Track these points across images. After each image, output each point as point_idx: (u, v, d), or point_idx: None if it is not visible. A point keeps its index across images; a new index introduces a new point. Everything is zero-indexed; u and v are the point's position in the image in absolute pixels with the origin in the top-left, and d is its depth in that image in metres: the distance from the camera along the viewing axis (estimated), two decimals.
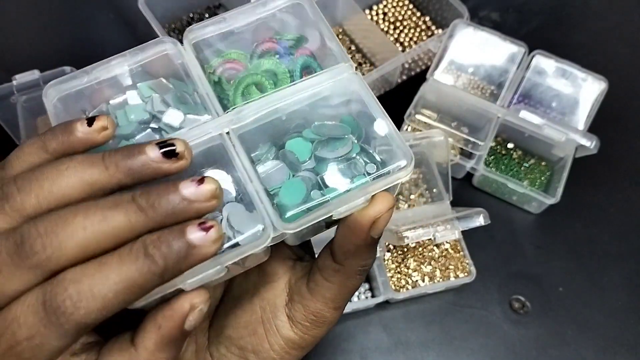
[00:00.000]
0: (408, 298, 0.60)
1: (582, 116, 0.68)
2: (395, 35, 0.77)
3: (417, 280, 0.61)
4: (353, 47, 0.77)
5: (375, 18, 0.78)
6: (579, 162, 0.65)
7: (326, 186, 0.28)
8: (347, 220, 0.28)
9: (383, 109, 0.29)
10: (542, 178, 0.68)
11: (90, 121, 0.25)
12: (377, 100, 0.29)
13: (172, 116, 0.29)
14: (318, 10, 0.31)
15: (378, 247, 0.53)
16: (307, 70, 0.30)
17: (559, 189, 0.62)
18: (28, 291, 0.22)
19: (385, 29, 0.78)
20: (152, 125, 0.29)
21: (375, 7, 0.79)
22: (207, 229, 0.22)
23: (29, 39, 0.78)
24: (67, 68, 0.62)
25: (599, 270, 0.64)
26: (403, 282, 0.61)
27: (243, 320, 0.33)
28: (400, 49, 0.76)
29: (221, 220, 0.27)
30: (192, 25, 0.31)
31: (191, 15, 0.76)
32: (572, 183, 0.64)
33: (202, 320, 0.27)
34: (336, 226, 0.29)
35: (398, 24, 0.78)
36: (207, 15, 0.76)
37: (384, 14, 0.79)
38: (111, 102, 0.30)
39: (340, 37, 0.77)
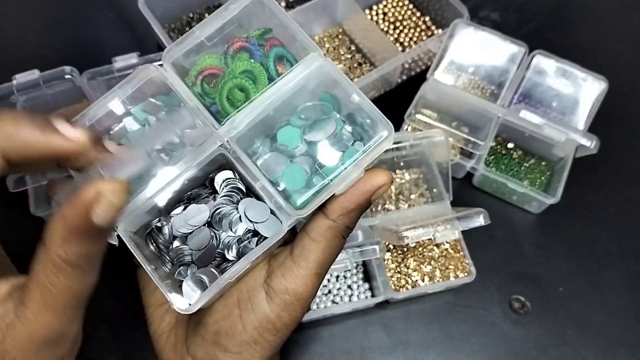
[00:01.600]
0: (408, 298, 0.60)
1: (582, 116, 0.68)
2: (395, 35, 0.77)
3: (417, 280, 0.61)
4: (353, 47, 0.77)
5: (375, 18, 0.78)
6: (579, 162, 0.65)
7: (322, 166, 0.31)
8: (356, 184, 0.31)
9: (354, 85, 0.32)
10: (542, 178, 0.68)
11: None
12: (347, 77, 0.32)
13: (172, 135, 0.33)
14: (277, 4, 0.34)
15: (378, 247, 0.54)
16: (280, 60, 0.33)
17: (559, 189, 0.62)
18: None
19: (385, 29, 0.77)
20: (157, 147, 0.33)
21: (375, 7, 0.79)
22: None
23: (29, 39, 0.78)
24: (67, 68, 0.62)
25: (599, 270, 0.64)
26: (403, 281, 0.61)
27: (220, 304, 0.33)
28: (400, 49, 0.76)
29: (240, 217, 0.32)
30: (169, 46, 0.34)
31: (191, 15, 0.76)
32: (572, 183, 0.64)
33: (116, 218, 0.27)
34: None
35: (398, 24, 0.78)
36: (207, 15, 0.76)
37: (384, 14, 0.79)
38: (112, 132, 0.33)
39: (340, 37, 0.77)
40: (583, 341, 0.59)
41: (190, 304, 0.30)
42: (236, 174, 0.33)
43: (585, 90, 0.68)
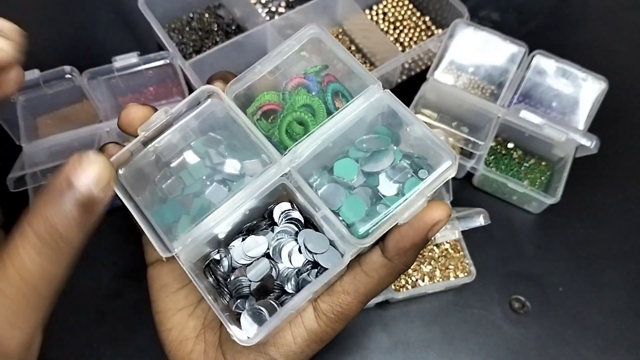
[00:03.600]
0: (408, 298, 0.60)
1: (582, 116, 0.68)
2: (395, 35, 0.77)
3: (417, 280, 0.61)
4: (353, 47, 0.77)
5: (375, 18, 0.78)
6: (579, 162, 0.65)
7: (383, 196, 0.31)
8: (411, 221, 0.30)
9: (415, 115, 0.32)
10: (542, 178, 0.68)
11: None
12: (407, 108, 0.32)
13: (231, 166, 0.33)
14: (335, 40, 0.34)
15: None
16: (336, 94, 0.34)
17: (559, 189, 0.62)
18: None
19: (385, 29, 0.78)
20: (216, 177, 0.33)
21: (375, 7, 0.79)
22: None
23: (29, 38, 0.77)
24: (67, 67, 0.62)
25: (599, 270, 0.64)
26: (403, 281, 0.61)
27: None
28: (400, 49, 0.76)
29: (299, 248, 0.32)
30: (231, 80, 0.34)
31: (191, 15, 0.76)
32: (572, 183, 0.64)
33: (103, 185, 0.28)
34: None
35: (398, 24, 0.78)
36: (207, 16, 0.76)
37: (384, 14, 0.79)
38: (172, 165, 0.33)
39: (340, 37, 0.77)
40: (583, 341, 0.59)
41: (248, 337, 0.30)
42: (294, 205, 0.33)
43: (585, 90, 0.68)
